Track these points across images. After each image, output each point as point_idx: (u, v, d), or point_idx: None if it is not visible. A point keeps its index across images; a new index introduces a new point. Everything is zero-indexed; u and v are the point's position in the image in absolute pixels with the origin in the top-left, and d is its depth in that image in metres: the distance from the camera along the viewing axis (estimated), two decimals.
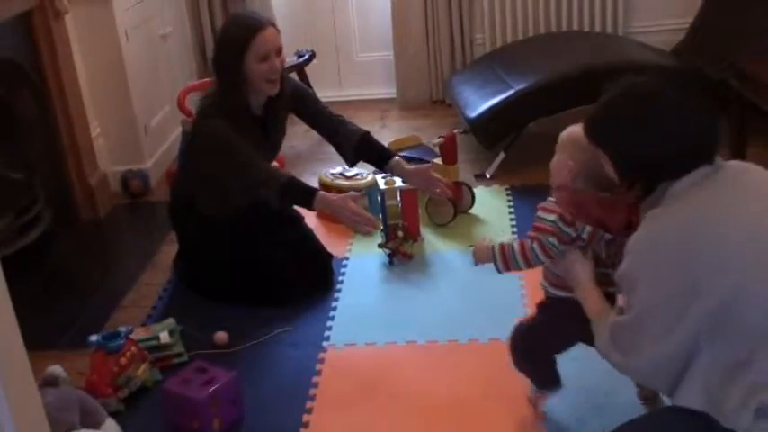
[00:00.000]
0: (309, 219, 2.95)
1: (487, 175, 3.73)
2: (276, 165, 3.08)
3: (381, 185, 3.15)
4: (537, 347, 2.11)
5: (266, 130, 2.83)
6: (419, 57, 4.64)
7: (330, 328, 2.68)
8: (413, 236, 3.11)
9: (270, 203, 2.64)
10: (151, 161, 3.93)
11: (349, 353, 2.55)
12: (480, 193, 3.49)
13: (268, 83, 2.69)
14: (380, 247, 3.05)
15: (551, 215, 1.93)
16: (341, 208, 2.60)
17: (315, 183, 3.47)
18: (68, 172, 3.53)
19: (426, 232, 3.22)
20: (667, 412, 1.70)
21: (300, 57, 4.45)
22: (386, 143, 3.15)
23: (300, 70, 4.42)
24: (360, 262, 3.08)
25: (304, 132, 3.82)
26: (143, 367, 2.41)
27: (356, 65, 4.94)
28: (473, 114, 3.72)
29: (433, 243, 3.17)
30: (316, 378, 2.43)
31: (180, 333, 2.60)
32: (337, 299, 2.85)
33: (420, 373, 2.42)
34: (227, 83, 2.69)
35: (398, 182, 3.07)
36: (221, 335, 2.62)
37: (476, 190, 3.46)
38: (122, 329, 2.42)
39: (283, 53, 2.72)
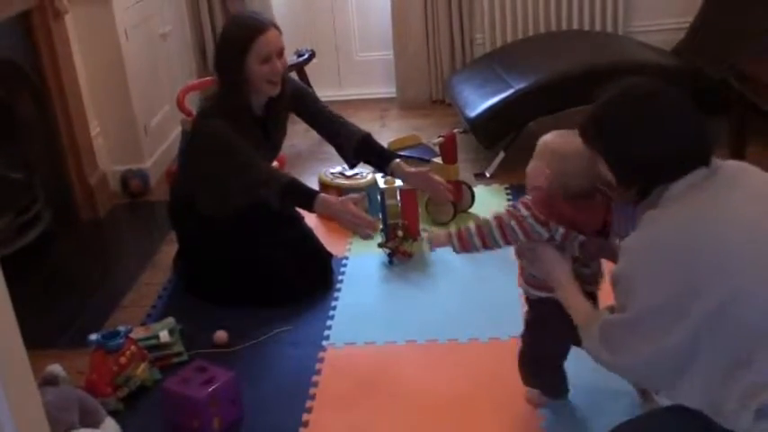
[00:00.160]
0: (309, 218, 2.95)
1: (487, 175, 3.73)
2: (276, 164, 3.08)
3: (381, 184, 3.15)
4: (537, 355, 2.12)
5: (267, 130, 2.83)
6: (419, 56, 4.64)
7: (330, 327, 2.68)
8: (413, 235, 3.11)
9: (270, 204, 2.64)
10: (151, 161, 3.93)
11: (349, 352, 2.55)
12: (480, 192, 3.49)
13: (269, 84, 2.69)
14: (380, 246, 3.05)
15: (526, 210, 1.94)
16: (341, 211, 2.59)
17: (314, 182, 3.48)
18: (68, 171, 3.52)
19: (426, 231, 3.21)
20: (666, 412, 1.70)
21: (300, 56, 4.45)
22: (385, 143, 3.15)
23: (300, 69, 4.42)
24: (359, 261, 3.08)
25: (304, 131, 3.82)
26: (143, 366, 2.41)
27: (356, 64, 4.94)
28: (473, 114, 3.72)
29: None
30: (315, 377, 2.43)
31: (180, 332, 2.60)
32: (337, 298, 2.85)
33: (420, 372, 2.42)
34: (228, 83, 2.69)
35: (398, 181, 3.07)
36: (221, 334, 2.62)
37: (476, 189, 3.46)
38: (122, 329, 2.42)
39: (285, 54, 2.72)
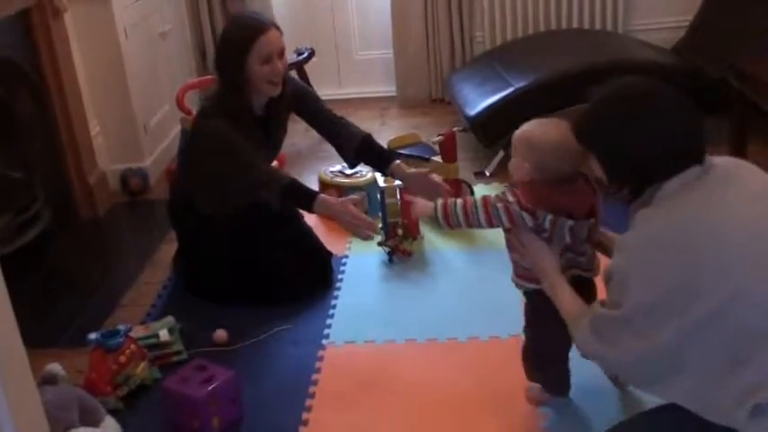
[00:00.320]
0: (309, 217, 2.94)
1: (487, 173, 3.73)
2: (276, 163, 3.07)
3: (381, 183, 3.15)
4: (539, 350, 2.12)
5: (268, 129, 2.82)
6: (419, 55, 4.63)
7: (330, 326, 2.67)
8: (412, 234, 3.11)
9: (270, 205, 2.64)
10: (150, 159, 3.93)
11: (349, 351, 2.55)
12: (480, 191, 3.48)
13: (270, 84, 2.68)
14: (380, 245, 3.05)
15: (513, 197, 1.94)
16: (341, 212, 2.59)
17: (314, 180, 3.48)
18: (67, 170, 3.52)
19: (426, 230, 3.21)
20: (664, 411, 1.70)
21: (300, 54, 4.45)
22: (385, 141, 3.15)
23: (300, 68, 4.41)
24: (359, 260, 3.08)
25: (304, 130, 3.81)
26: (142, 365, 2.40)
27: (356, 63, 4.94)
28: (473, 112, 3.72)
29: (433, 241, 3.17)
30: (315, 376, 2.43)
31: (179, 331, 2.59)
32: (337, 297, 2.84)
33: (420, 370, 2.42)
34: (229, 83, 2.68)
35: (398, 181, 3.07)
36: (221, 333, 2.61)
37: (475, 188, 3.45)
38: (121, 327, 2.41)
39: (285, 54, 2.72)
